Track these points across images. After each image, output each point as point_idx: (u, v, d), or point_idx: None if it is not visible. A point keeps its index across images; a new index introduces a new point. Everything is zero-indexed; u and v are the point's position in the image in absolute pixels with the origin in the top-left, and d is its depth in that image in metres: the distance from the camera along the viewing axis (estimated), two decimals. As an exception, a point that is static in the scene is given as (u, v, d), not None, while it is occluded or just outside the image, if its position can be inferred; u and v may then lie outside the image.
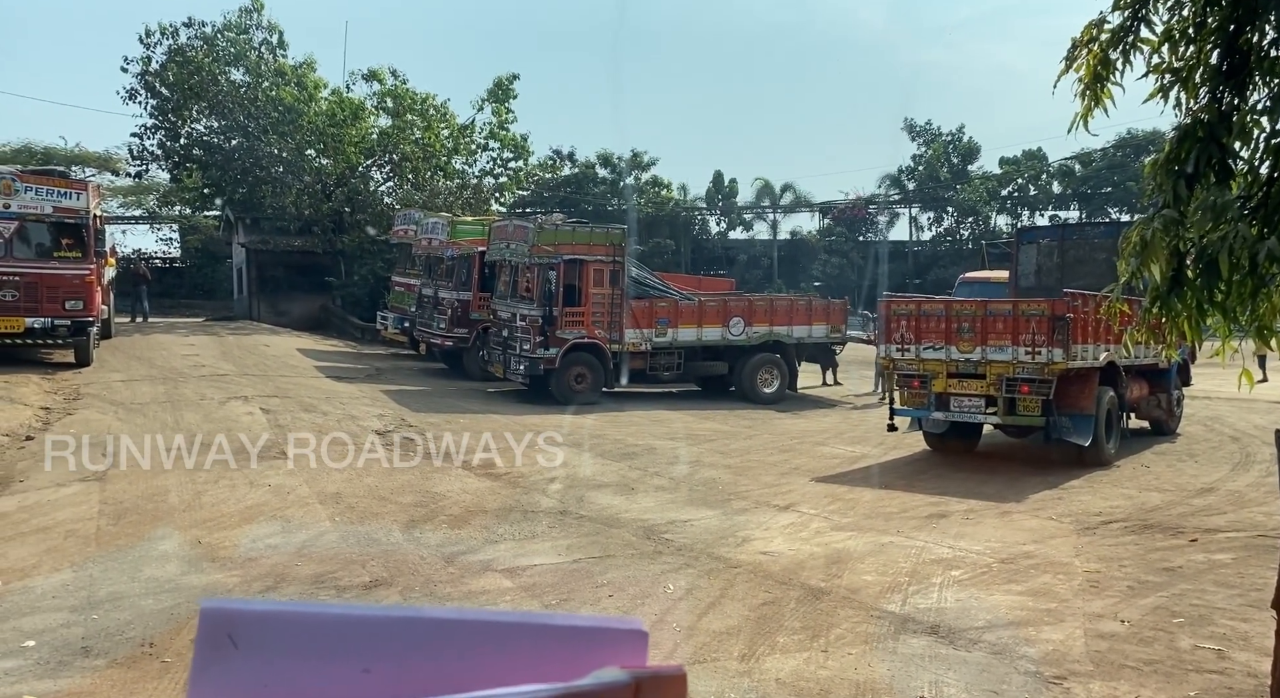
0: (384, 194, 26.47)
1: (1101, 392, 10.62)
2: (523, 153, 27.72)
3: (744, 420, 14.97)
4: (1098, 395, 10.52)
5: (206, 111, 24.32)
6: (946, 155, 42.66)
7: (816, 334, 17.58)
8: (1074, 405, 10.33)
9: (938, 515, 8.33)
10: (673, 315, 16.31)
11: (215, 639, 0.73)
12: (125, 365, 15.96)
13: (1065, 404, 10.25)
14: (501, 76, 26.95)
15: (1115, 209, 40.47)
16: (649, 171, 43.50)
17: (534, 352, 15.37)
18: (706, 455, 11.77)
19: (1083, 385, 10.39)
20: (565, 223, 15.94)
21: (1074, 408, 10.34)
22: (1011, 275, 14.30)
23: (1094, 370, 10.51)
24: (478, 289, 18.15)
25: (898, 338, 11.06)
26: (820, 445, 12.69)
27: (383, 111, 25.63)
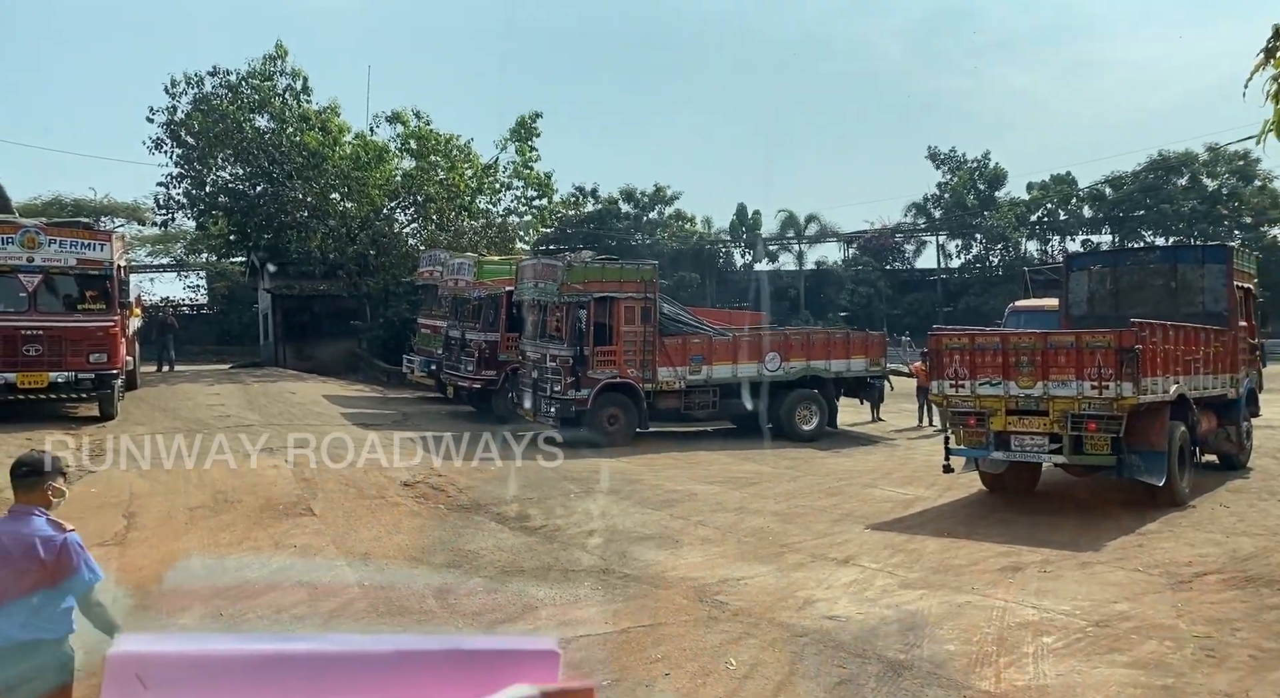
0: (408, 235, 26.32)
1: (1173, 426, 9.96)
2: (547, 191, 27.55)
3: (785, 461, 14.36)
4: (1169, 431, 9.85)
5: (231, 159, 24.37)
6: (973, 182, 42.08)
7: (855, 368, 16.98)
8: (1144, 442, 9.67)
9: (1011, 568, 7.69)
10: (707, 352, 15.80)
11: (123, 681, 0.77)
12: (150, 417, 15.67)
13: (1135, 441, 9.59)
14: (524, 115, 26.91)
15: (1149, 232, 39.63)
16: (672, 206, 43.33)
17: (565, 393, 14.90)
18: (750, 501, 11.18)
19: (1153, 421, 9.73)
20: (594, 260, 15.54)
21: (1144, 445, 9.68)
22: (1062, 304, 13.69)
23: (1164, 404, 9.86)
24: (505, 329, 17.78)
25: (951, 373, 10.46)
26: (869, 488, 12.05)
27: (406, 153, 25.58)
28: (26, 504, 3.49)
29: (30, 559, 3.36)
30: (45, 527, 3.44)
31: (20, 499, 3.51)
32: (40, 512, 3.48)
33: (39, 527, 3.43)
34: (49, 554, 3.39)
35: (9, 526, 3.46)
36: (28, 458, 3.60)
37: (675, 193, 43.40)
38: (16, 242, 14.19)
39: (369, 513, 10.24)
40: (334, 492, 11.08)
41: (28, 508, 3.48)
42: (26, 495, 3.51)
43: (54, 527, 3.46)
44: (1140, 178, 39.06)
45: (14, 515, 3.48)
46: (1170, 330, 10.03)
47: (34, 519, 3.44)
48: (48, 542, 3.40)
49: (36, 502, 3.50)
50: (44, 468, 3.54)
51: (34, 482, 3.51)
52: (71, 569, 3.43)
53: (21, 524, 3.43)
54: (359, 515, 10.10)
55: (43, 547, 3.39)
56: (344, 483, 11.54)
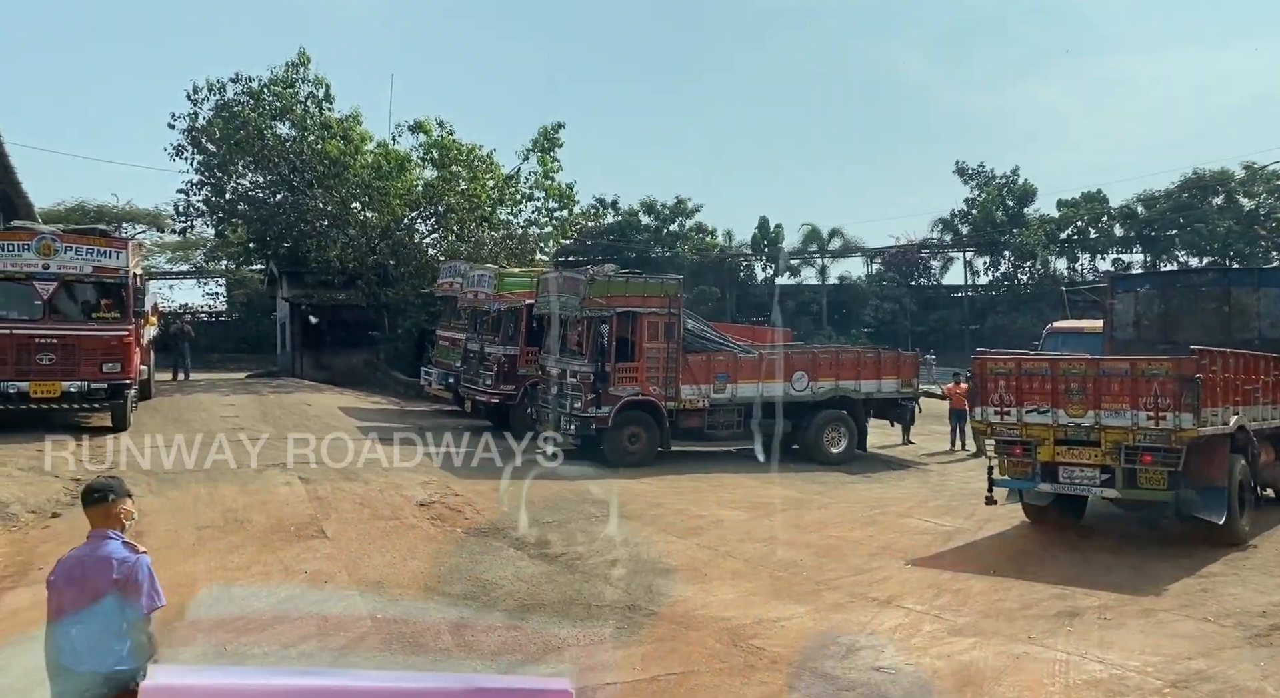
0: (429, 246, 26.04)
1: (1233, 460, 9.39)
2: (568, 202, 27.20)
3: (813, 485, 13.84)
4: (1229, 465, 9.28)
5: (252, 166, 24.19)
6: (1001, 198, 41.40)
7: (886, 389, 16.43)
8: (1203, 477, 9.10)
9: (1068, 614, 7.15)
10: (732, 370, 15.32)
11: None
12: (163, 429, 15.34)
13: (1193, 475, 9.02)
14: (546, 126, 26.59)
15: (1183, 253, 38.79)
16: (693, 218, 42.91)
17: (585, 410, 14.47)
18: (781, 530, 10.67)
19: (1212, 454, 9.17)
20: (618, 273, 15.12)
21: (1203, 480, 9.11)
22: (1106, 327, 13.13)
23: (1224, 437, 9.29)
24: (525, 343, 17.38)
25: (996, 399, 9.94)
26: (905, 518, 11.52)
27: (428, 163, 25.32)
28: (102, 528, 3.67)
29: (106, 581, 3.54)
30: (120, 548, 3.62)
31: (97, 524, 3.69)
32: (115, 534, 3.66)
33: (114, 548, 3.60)
34: (122, 575, 3.56)
35: (88, 550, 3.63)
36: (98, 484, 3.79)
37: (696, 205, 43.03)
38: (33, 248, 13.94)
39: (383, 536, 9.82)
40: (347, 512, 10.68)
41: (103, 531, 3.66)
42: (101, 520, 3.68)
43: (128, 548, 3.64)
44: (1174, 196, 38.25)
45: (92, 540, 3.66)
46: (1231, 358, 9.47)
47: (110, 542, 3.62)
48: (122, 562, 3.57)
49: (111, 525, 3.68)
50: (113, 492, 3.73)
51: (106, 507, 3.69)
52: (136, 590, 3.57)
53: (99, 548, 3.61)
54: (373, 539, 9.68)
55: (116, 567, 3.56)
56: (358, 502, 11.14)
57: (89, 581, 3.56)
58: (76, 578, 3.59)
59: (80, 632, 3.54)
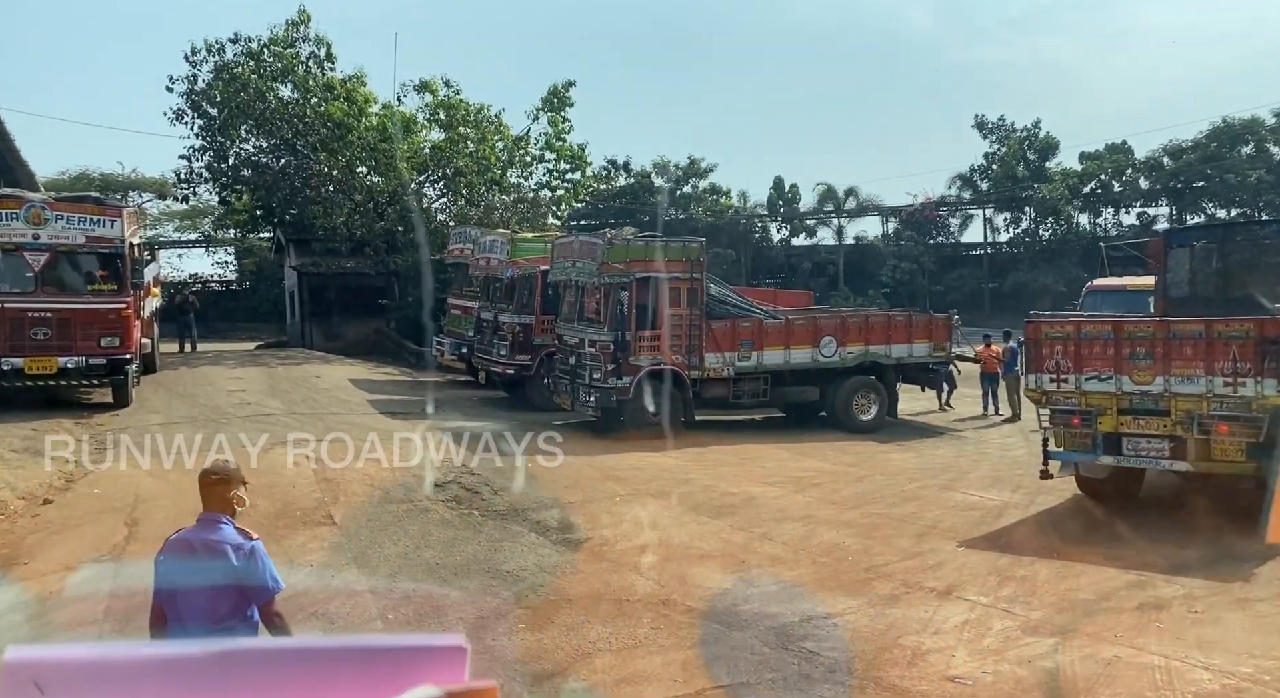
0: (438, 211, 25.23)
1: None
2: (580, 164, 26.29)
3: (846, 456, 13.16)
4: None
5: (254, 130, 23.34)
6: (1022, 152, 40.08)
7: (918, 353, 15.66)
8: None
9: (1152, 606, 6.47)
10: (757, 336, 14.58)
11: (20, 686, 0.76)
12: (166, 405, 14.78)
13: (1275, 446, 8.26)
14: (557, 84, 25.59)
15: (1211, 204, 37.50)
16: (707, 179, 41.82)
17: (605, 381, 13.79)
18: (817, 508, 10.01)
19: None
20: (637, 237, 14.33)
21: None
22: (1159, 285, 12.23)
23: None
24: (540, 312, 16.68)
25: (1052, 365, 9.18)
26: (948, 491, 10.83)
27: (435, 124, 24.41)
28: (214, 512, 3.55)
29: (223, 567, 3.42)
30: (234, 534, 3.51)
31: (210, 507, 3.57)
32: (227, 519, 3.54)
33: (229, 534, 3.49)
34: (240, 560, 3.45)
35: (200, 533, 3.51)
36: (215, 467, 3.67)
37: (710, 165, 41.90)
38: (21, 217, 13.26)
39: (395, 522, 9.22)
40: (358, 495, 10.08)
41: (216, 515, 3.54)
42: (214, 503, 3.57)
43: (241, 533, 3.53)
44: (1202, 147, 36.87)
45: (203, 524, 3.54)
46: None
47: (223, 527, 3.51)
48: (238, 548, 3.46)
49: (223, 509, 3.56)
50: (230, 476, 3.62)
51: (221, 490, 3.57)
52: (258, 576, 3.47)
53: (211, 532, 3.49)
54: (384, 525, 9.08)
55: (234, 553, 3.45)
56: (369, 484, 10.54)
57: (204, 564, 3.46)
58: (189, 560, 3.47)
59: (195, 617, 3.43)
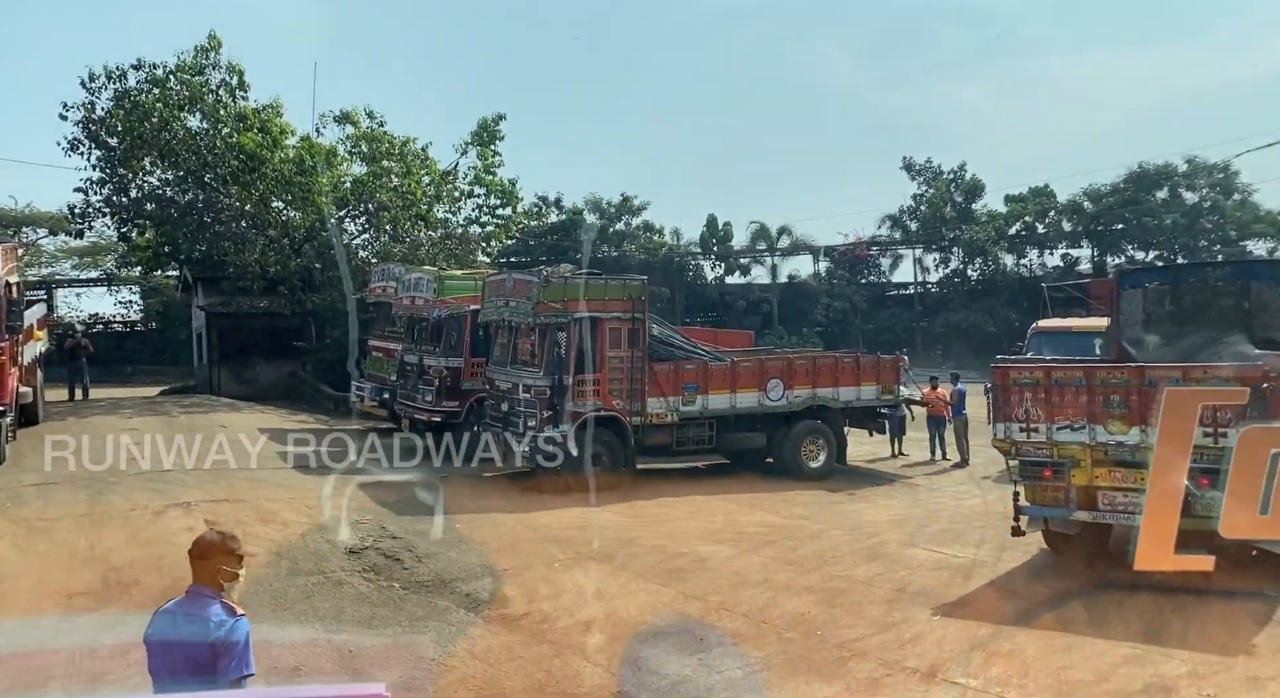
0: (359, 247, 24.00)
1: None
2: (511, 199, 25.45)
3: (797, 508, 12.44)
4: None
5: (159, 162, 21.83)
6: (949, 193, 40.84)
7: (866, 397, 15.12)
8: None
9: (1159, 688, 5.82)
10: (702, 380, 13.84)
11: None
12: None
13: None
14: (486, 117, 24.83)
15: (1131, 247, 38.69)
16: (640, 216, 41.45)
17: (541, 429, 12.83)
18: (775, 569, 9.22)
19: (1275, 474, 7.97)
20: (575, 275, 13.52)
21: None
22: (1112, 326, 11.94)
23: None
24: (470, 354, 15.66)
25: (1020, 414, 8.63)
26: (909, 547, 10.16)
27: (357, 157, 23.29)
28: (201, 585, 3.45)
29: (201, 644, 3.34)
30: (220, 610, 3.40)
31: (196, 580, 3.47)
32: (213, 593, 3.43)
33: (212, 611, 3.39)
34: (217, 638, 3.35)
35: (185, 607, 3.43)
36: (203, 539, 3.55)
37: (643, 202, 41.56)
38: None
39: (303, 598, 8.08)
40: (262, 566, 8.87)
41: (201, 589, 3.44)
42: (202, 577, 3.46)
43: (226, 610, 3.41)
44: (1120, 191, 38.11)
45: (189, 598, 3.45)
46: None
47: (209, 603, 3.40)
48: (219, 625, 3.37)
49: (210, 584, 3.44)
50: (219, 550, 3.50)
51: (208, 564, 3.46)
52: (228, 655, 3.34)
53: (197, 606, 3.41)
54: (290, 603, 7.93)
55: (214, 628, 3.35)
56: (274, 551, 9.34)
57: (183, 641, 3.36)
58: (171, 637, 3.38)
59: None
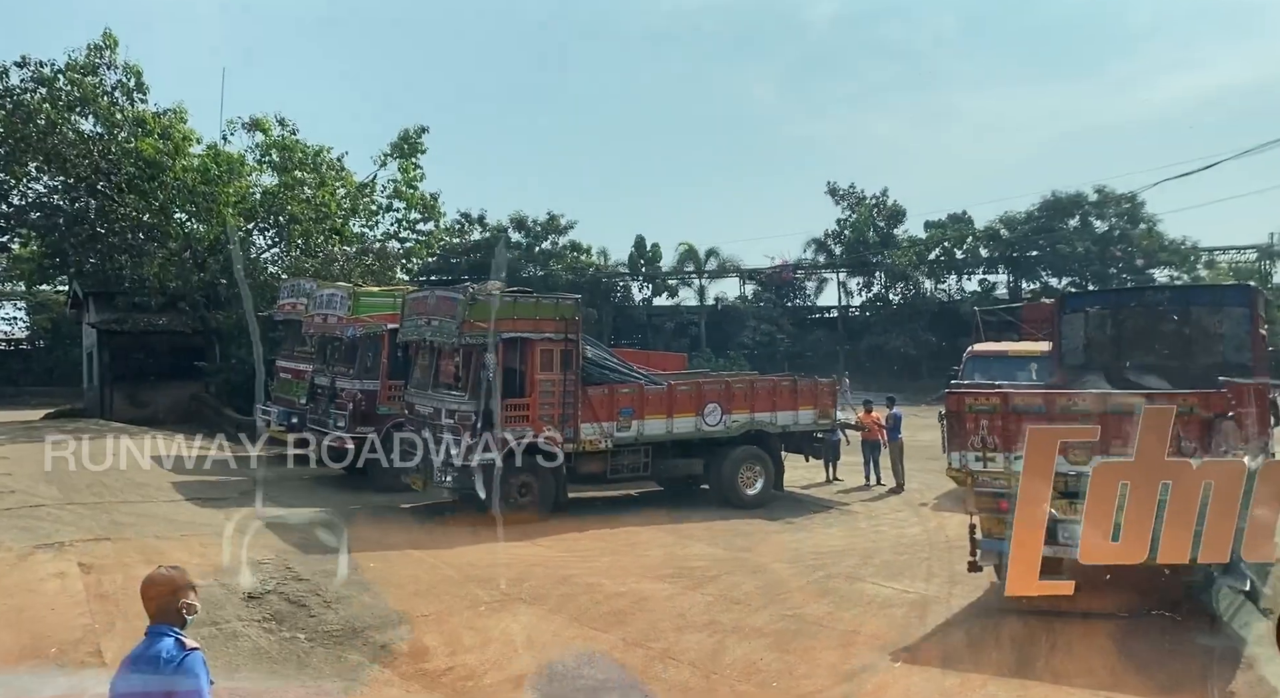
0: (268, 262, 22.64)
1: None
2: (433, 213, 24.47)
3: (737, 538, 11.85)
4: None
5: (46, 167, 20.14)
6: (872, 218, 41.43)
7: (804, 421, 14.69)
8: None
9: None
10: (638, 405, 13.18)
11: None
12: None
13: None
14: (408, 129, 23.83)
15: (1046, 273, 39.80)
16: (567, 235, 40.75)
17: (465, 457, 11.94)
18: (720, 609, 8.57)
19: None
20: (504, 293, 12.73)
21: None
22: (1055, 351, 11.79)
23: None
24: (387, 376, 14.66)
25: (976, 443, 8.22)
26: (856, 581, 9.65)
27: (267, 166, 22.00)
28: (161, 624, 3.34)
29: (153, 681, 3.26)
30: (171, 646, 3.30)
31: (154, 619, 3.36)
32: (171, 630, 3.33)
33: (165, 646, 3.29)
34: (166, 670, 3.25)
35: (143, 648, 3.32)
36: (157, 577, 3.43)
37: (570, 221, 40.88)
38: None
39: (190, 656, 7.03)
40: (143, 618, 7.75)
41: (162, 628, 3.33)
42: (162, 615, 3.35)
43: (178, 646, 3.30)
44: (1034, 219, 39.23)
45: (149, 637, 3.34)
46: (1255, 392, 8.11)
47: (163, 640, 3.30)
48: (169, 661, 3.27)
49: (171, 620, 3.35)
50: (176, 584, 3.39)
51: (168, 601, 3.36)
52: (182, 691, 3.26)
53: (152, 646, 3.30)
54: (173, 663, 6.89)
55: (163, 666, 3.26)
56: (159, 600, 8.22)
57: (140, 687, 3.26)
58: (132, 685, 3.28)
59: None
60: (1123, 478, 5.87)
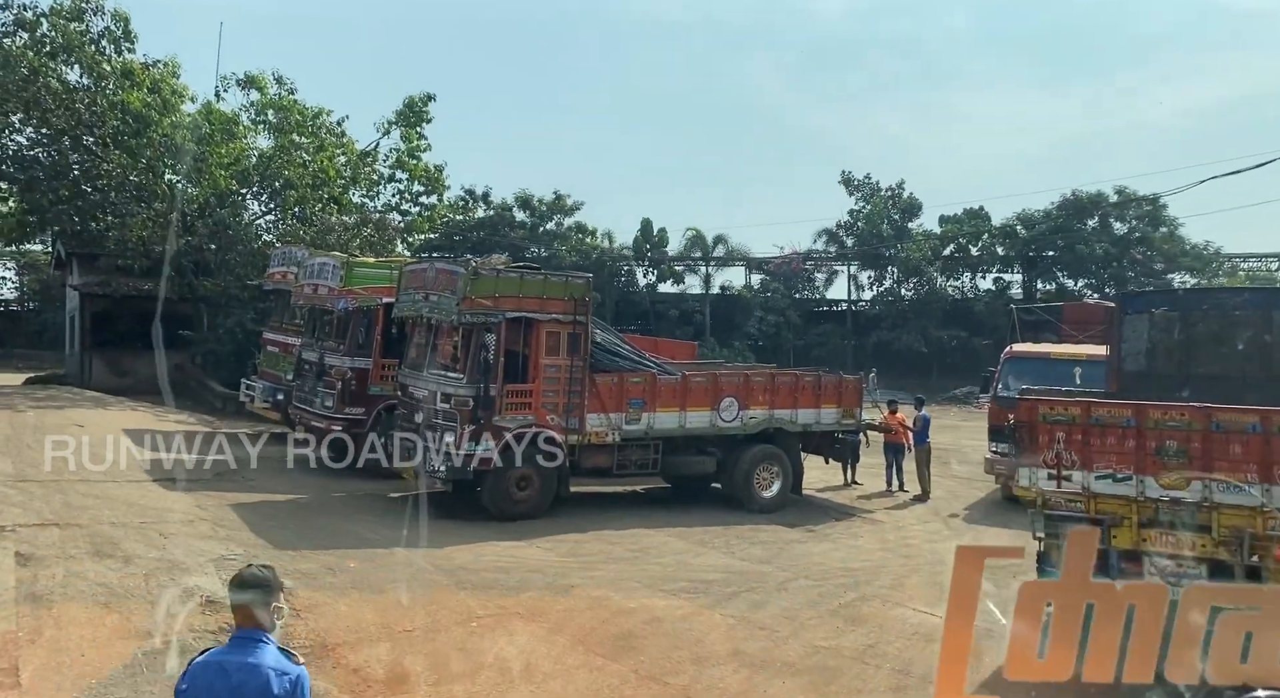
0: (261, 229, 21.48)
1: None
2: (437, 186, 23.29)
3: (754, 547, 10.81)
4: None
5: (26, 118, 18.94)
6: (887, 211, 40.20)
7: (826, 420, 13.62)
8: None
9: None
10: (649, 395, 12.11)
11: None
12: None
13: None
14: (414, 96, 22.60)
15: (1062, 273, 38.69)
16: (573, 216, 39.53)
17: (460, 445, 10.89)
18: (743, 635, 7.52)
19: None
20: (509, 267, 11.63)
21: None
22: (1113, 356, 10.69)
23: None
24: (380, 354, 13.58)
25: (1051, 458, 7.15)
26: (894, 605, 8.61)
27: (262, 127, 20.80)
28: (252, 629, 3.00)
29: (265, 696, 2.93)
30: (279, 658, 2.98)
31: (243, 624, 3.03)
32: (268, 638, 3.00)
33: (270, 657, 2.96)
34: (283, 691, 2.93)
35: (239, 656, 2.96)
36: (249, 575, 3.06)
37: (577, 202, 39.63)
38: None
39: (128, 676, 5.98)
40: (77, 623, 6.71)
41: (254, 633, 2.99)
42: (250, 619, 3.02)
43: (287, 657, 3.02)
44: (1053, 217, 38.05)
45: (241, 644, 2.99)
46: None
47: (264, 648, 2.98)
48: (282, 675, 2.94)
49: (262, 625, 3.01)
50: (270, 585, 3.04)
51: (259, 602, 3.01)
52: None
53: (251, 654, 2.96)
54: (110, 685, 5.82)
55: (276, 683, 2.93)
56: (103, 601, 7.16)
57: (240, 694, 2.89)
58: (224, 691, 2.89)
59: None
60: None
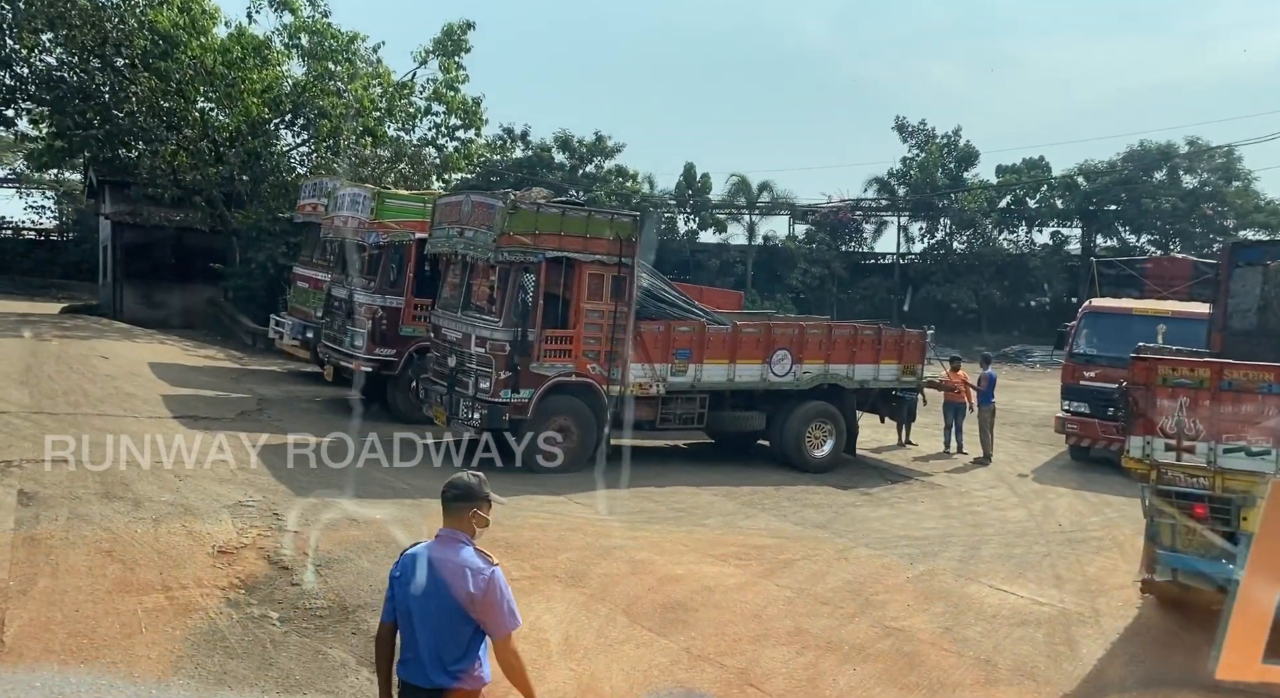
0: (294, 160, 20.75)
1: None
2: (475, 120, 22.33)
3: (807, 510, 10.05)
4: None
5: (53, 37, 18.23)
6: (942, 159, 38.43)
7: (885, 377, 12.70)
8: None
9: None
10: (697, 346, 11.27)
11: None
12: None
13: None
14: (453, 23, 21.52)
15: (1124, 229, 36.86)
16: (613, 159, 38.30)
17: (495, 393, 10.18)
18: (804, 609, 6.78)
19: None
20: (550, 202, 10.75)
21: None
22: (1218, 311, 9.60)
23: None
24: (413, 293, 12.87)
25: (1170, 426, 6.22)
26: (968, 581, 7.79)
27: (295, 52, 19.90)
28: (454, 530, 3.21)
29: (461, 592, 3.09)
30: (475, 557, 3.17)
31: (450, 524, 3.23)
32: (468, 539, 3.21)
33: (468, 557, 3.16)
34: (478, 588, 3.10)
35: (441, 552, 3.18)
36: (458, 481, 3.28)
37: (618, 144, 38.34)
38: None
39: (125, 635, 5.38)
40: (76, 574, 6.13)
41: (456, 533, 3.21)
42: (455, 521, 3.22)
43: (482, 557, 3.19)
44: (1116, 170, 36.11)
45: (443, 542, 3.21)
46: None
47: (463, 548, 3.18)
48: (478, 573, 3.12)
49: (464, 528, 3.22)
50: (475, 493, 3.25)
51: (463, 507, 3.23)
52: (495, 608, 3.12)
53: (452, 552, 3.17)
54: (102, 645, 5.23)
55: (472, 579, 3.10)
56: (106, 548, 6.59)
57: (441, 586, 3.09)
58: (426, 580, 3.11)
59: (428, 642, 3.11)
60: None
